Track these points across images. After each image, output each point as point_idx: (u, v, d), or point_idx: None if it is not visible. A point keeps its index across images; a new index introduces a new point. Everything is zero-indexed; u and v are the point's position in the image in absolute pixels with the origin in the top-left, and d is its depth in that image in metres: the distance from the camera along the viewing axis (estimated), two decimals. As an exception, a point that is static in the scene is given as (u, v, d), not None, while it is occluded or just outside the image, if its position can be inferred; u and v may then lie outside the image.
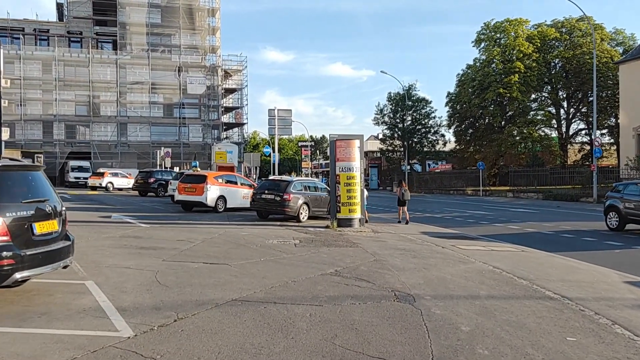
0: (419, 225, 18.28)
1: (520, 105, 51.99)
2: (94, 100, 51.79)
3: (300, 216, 17.27)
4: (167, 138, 53.95)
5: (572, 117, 57.23)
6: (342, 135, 16.44)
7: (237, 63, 57.77)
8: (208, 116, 55.88)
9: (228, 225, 15.64)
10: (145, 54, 52.59)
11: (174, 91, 54.02)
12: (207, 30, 55.33)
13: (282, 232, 14.00)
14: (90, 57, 51.07)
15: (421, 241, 13.39)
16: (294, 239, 12.59)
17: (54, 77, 50.11)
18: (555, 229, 17.56)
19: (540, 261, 10.90)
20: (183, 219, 17.09)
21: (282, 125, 32.35)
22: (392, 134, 58.22)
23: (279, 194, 17.00)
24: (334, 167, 15.94)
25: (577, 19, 54.48)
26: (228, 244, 11.45)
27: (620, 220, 16.52)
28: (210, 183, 19.71)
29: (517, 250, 12.52)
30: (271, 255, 9.94)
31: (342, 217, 15.84)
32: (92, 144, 51.09)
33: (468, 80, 54.80)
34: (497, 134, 52.62)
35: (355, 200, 15.80)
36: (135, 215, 17.74)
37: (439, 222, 20.22)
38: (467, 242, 13.69)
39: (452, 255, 11.01)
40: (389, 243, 12.58)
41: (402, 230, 16.18)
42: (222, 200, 20.09)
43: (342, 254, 10.41)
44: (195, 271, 8.12)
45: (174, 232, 13.34)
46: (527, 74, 50.97)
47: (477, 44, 55.88)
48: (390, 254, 10.69)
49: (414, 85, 57.80)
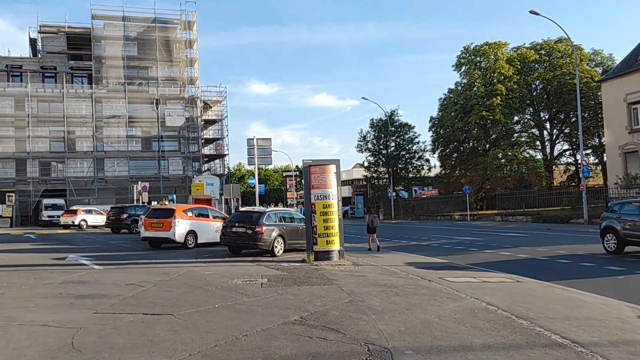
0: (404, 255, 16.96)
1: (504, 127, 51.48)
2: (69, 135, 50.21)
3: (275, 250, 15.87)
4: (146, 172, 52.35)
5: (556, 138, 56.84)
6: (317, 161, 15.19)
7: (216, 94, 56.90)
8: (188, 148, 54.52)
9: (194, 263, 14.19)
10: (121, 87, 51.39)
11: (152, 124, 52.68)
12: (185, 61, 54.39)
13: (251, 270, 12.59)
14: (65, 92, 49.73)
15: (405, 274, 12.06)
16: (262, 277, 11.20)
17: (27, 113, 48.63)
18: (549, 254, 16.34)
19: (539, 293, 9.61)
20: (146, 258, 15.60)
21: (262, 155, 31.15)
22: (376, 160, 57.25)
23: (250, 227, 15.62)
24: (309, 195, 14.66)
25: (556, 41, 54.55)
26: (185, 286, 10.03)
27: (618, 242, 15.35)
28: (178, 217, 18.29)
29: (512, 280, 11.24)
30: (230, 300, 8.55)
31: (319, 249, 14.48)
32: (68, 181, 49.31)
33: (450, 104, 54.30)
34: (482, 157, 51.87)
35: (333, 230, 14.49)
36: (94, 256, 16.22)
37: (426, 251, 18.93)
38: (456, 273, 12.39)
39: (440, 291, 9.69)
40: (369, 278, 11.24)
41: (385, 261, 14.84)
42: (192, 235, 18.64)
43: (313, 295, 9.04)
44: (128, 326, 6.70)
45: (127, 274, 11.88)
46: (508, 96, 50.59)
47: (458, 67, 55.61)
48: (369, 292, 9.34)
49: (397, 111, 57.20)
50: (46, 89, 50.34)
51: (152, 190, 47.86)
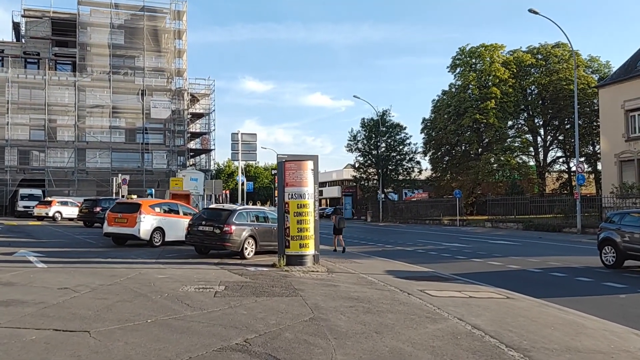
0: (386, 262, 15.69)
1: (497, 132, 50.41)
2: (50, 124, 48.50)
3: (245, 252, 14.54)
4: (129, 165, 50.78)
5: (550, 145, 55.91)
6: (293, 156, 13.87)
7: (204, 87, 55.33)
8: (173, 142, 52.97)
9: (152, 264, 12.83)
10: (106, 76, 49.74)
11: (137, 115, 51.11)
12: (173, 52, 52.81)
13: (212, 274, 11.26)
14: (47, 78, 48.05)
15: (383, 285, 10.78)
16: (220, 284, 9.87)
17: (7, 99, 46.89)
18: (542, 266, 15.12)
19: (533, 314, 8.36)
20: (102, 257, 14.21)
21: (246, 150, 29.89)
22: (366, 161, 55.99)
23: (218, 226, 14.26)
24: (282, 194, 13.34)
25: (553, 45, 53.64)
26: (126, 293, 8.69)
27: (617, 255, 14.16)
28: (144, 213, 16.90)
29: (502, 296, 10.00)
30: (169, 313, 7.22)
31: (291, 253, 13.17)
32: (47, 171, 47.62)
33: (443, 106, 53.19)
34: (474, 161, 50.80)
35: (307, 233, 13.18)
36: (47, 252, 14.82)
37: (410, 257, 17.67)
38: (439, 286, 11.13)
39: (419, 308, 8.42)
40: (340, 289, 9.94)
41: (363, 268, 13.55)
42: (159, 232, 17.25)
43: (270, 309, 7.73)
44: (23, 349, 5.37)
45: (69, 275, 10.52)
46: (503, 99, 49.55)
47: (453, 69, 54.50)
48: (336, 308, 8.04)
49: (389, 111, 55.89)
50: (28, 75, 48.66)
51: (135, 184, 46.40)
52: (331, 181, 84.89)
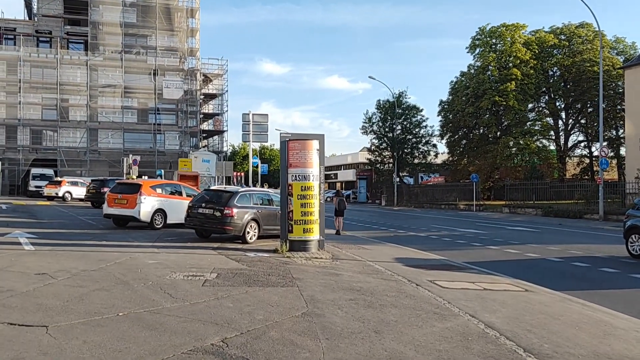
0: (396, 248, 14.87)
1: (517, 114, 48.80)
2: (63, 104, 48.22)
3: (247, 236, 13.79)
4: (141, 145, 50.40)
5: (571, 129, 54.12)
6: (297, 135, 13.03)
7: (217, 67, 54.48)
8: (186, 123, 52.41)
9: (147, 248, 12.16)
10: (118, 55, 49.21)
11: (149, 95, 50.57)
12: (185, 31, 52.02)
13: (207, 260, 10.54)
14: (59, 57, 47.64)
15: (390, 274, 9.97)
16: (212, 271, 9.14)
17: (19, 78, 46.63)
18: (563, 255, 14.17)
19: (555, 311, 7.49)
20: (98, 239, 13.60)
21: (257, 132, 29.22)
22: (381, 143, 54.86)
23: (219, 208, 13.51)
24: (285, 175, 12.54)
25: (577, 26, 51.67)
26: (107, 280, 8.00)
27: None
28: (145, 194, 16.22)
29: (519, 289, 9.12)
30: (146, 305, 6.49)
31: (294, 238, 12.40)
32: (59, 151, 47.47)
33: (462, 88, 51.68)
34: (492, 145, 49.39)
35: (312, 217, 12.38)
36: (42, 233, 14.26)
37: (423, 243, 16.82)
38: (451, 275, 10.29)
39: (427, 301, 7.60)
40: (343, 278, 9.15)
41: (371, 255, 12.75)
42: (160, 214, 16.59)
43: (260, 302, 6.97)
44: (-40, 348, 4.68)
45: (54, 259, 9.88)
46: (524, 81, 47.90)
47: (472, 49, 52.82)
48: (334, 301, 7.25)
49: (405, 93, 54.49)
50: (40, 53, 48.30)
51: (147, 165, 46.05)
52: (346, 164, 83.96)
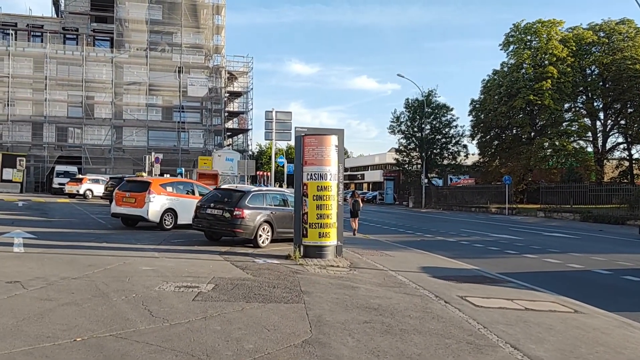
0: (423, 255, 13.55)
1: (553, 114, 46.60)
2: (88, 101, 48.10)
3: (259, 240, 12.66)
4: (166, 143, 49.98)
5: (610, 130, 51.52)
6: (314, 129, 11.85)
7: (242, 64, 53.69)
8: (211, 121, 51.78)
9: (147, 251, 11.13)
10: (143, 52, 48.84)
11: (174, 93, 50.08)
12: (211, 28, 51.35)
13: (208, 267, 9.42)
14: (85, 54, 47.51)
15: (414, 287, 8.69)
16: (211, 281, 8.01)
17: (46, 75, 46.63)
18: (610, 266, 12.65)
19: (615, 341, 6.12)
20: (99, 240, 12.66)
21: (280, 130, 28.17)
22: (409, 143, 53.27)
23: (228, 209, 12.41)
24: (300, 174, 11.37)
25: (618, 22, 49.14)
26: (83, 292, 6.93)
27: None
28: (154, 192, 15.25)
29: (567, 309, 7.75)
30: (115, 327, 5.38)
31: (309, 243, 11.22)
32: (84, 148, 47.32)
33: (494, 87, 49.69)
34: (526, 146, 47.34)
35: (329, 220, 11.17)
36: (42, 233, 13.40)
37: (452, 250, 15.47)
38: (486, 290, 8.95)
39: (458, 325, 6.31)
40: (359, 293, 7.91)
41: (395, 263, 11.47)
42: (171, 214, 15.59)
43: (255, 324, 5.79)
44: None
45: (37, 264, 8.90)
46: (560, 79, 45.70)
47: (505, 47, 50.80)
48: (345, 324, 6.03)
49: (434, 91, 52.78)
50: (66, 50, 48.22)
51: (171, 163, 45.61)
52: (373, 165, 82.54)
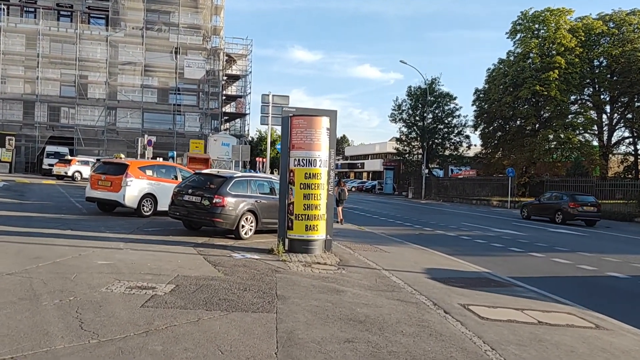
0: (421, 251, 12.42)
1: (559, 106, 45.24)
2: (81, 80, 46.75)
3: (241, 231, 11.52)
4: (161, 126, 48.72)
5: (616, 124, 50.21)
6: (302, 110, 10.64)
7: (242, 47, 52.19)
8: (208, 104, 50.46)
9: (113, 241, 9.98)
10: (139, 32, 47.38)
11: (170, 75, 48.69)
12: (210, 8, 49.85)
13: (175, 262, 8.27)
14: (79, 32, 46.09)
15: (410, 292, 7.56)
16: (172, 281, 6.86)
17: (38, 52, 45.23)
18: (625, 269, 11.52)
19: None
20: (64, 227, 11.52)
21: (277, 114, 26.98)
22: (410, 132, 51.97)
23: (207, 196, 11.25)
24: (287, 159, 10.19)
25: (628, 12, 47.60)
26: (11, 292, 5.78)
27: None
28: (132, 175, 14.06)
29: (587, 323, 6.61)
30: (23, 345, 4.25)
31: (294, 236, 10.07)
32: (77, 129, 46.05)
33: (499, 76, 48.29)
34: (530, 137, 46.06)
35: (317, 211, 10.00)
36: (6, 217, 12.28)
37: (452, 245, 14.35)
38: (491, 298, 7.80)
39: (459, 345, 5.17)
40: (344, 299, 6.76)
41: (389, 261, 10.34)
42: (150, 200, 14.43)
43: (209, 341, 4.65)
44: None
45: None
46: (568, 70, 44.29)
47: (512, 35, 49.28)
48: (321, 344, 4.88)
49: (438, 80, 51.32)
50: (60, 27, 46.78)
51: (166, 147, 44.37)
52: (374, 154, 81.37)
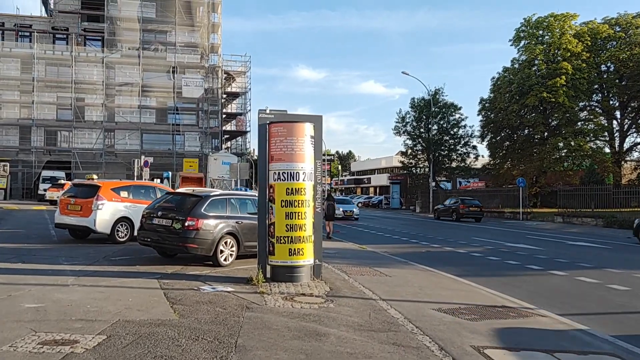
0: (427, 273, 10.95)
1: (568, 112, 43.69)
2: (78, 103, 45.71)
3: (220, 257, 10.09)
4: (160, 147, 47.64)
5: (627, 130, 48.53)
6: (282, 115, 9.25)
7: (240, 64, 51.26)
8: (208, 123, 49.35)
9: (62, 276, 8.56)
10: (136, 52, 46.51)
11: (168, 94, 47.64)
12: (207, 26, 48.98)
13: (125, 301, 6.85)
14: (75, 54, 45.28)
15: (409, 331, 6.08)
16: (105, 330, 5.43)
17: (33, 76, 44.41)
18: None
19: None
20: (18, 258, 10.15)
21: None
22: (415, 144, 50.50)
23: (179, 219, 9.86)
24: (265, 172, 8.79)
25: (634, 15, 46.25)
26: None
27: None
28: (103, 198, 12.71)
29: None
30: None
31: (276, 262, 8.63)
32: (74, 153, 44.96)
33: (505, 84, 46.91)
34: (539, 146, 44.52)
35: (302, 232, 8.57)
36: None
37: (462, 264, 12.89)
38: (513, 336, 6.30)
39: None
40: (324, 348, 5.29)
41: (388, 288, 8.86)
42: (125, 224, 13.05)
43: None
44: None
45: None
46: (575, 75, 42.86)
47: (516, 42, 48.03)
48: None
49: (442, 90, 49.98)
50: (55, 50, 46.04)
51: (166, 167, 43.11)
52: (380, 168, 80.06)
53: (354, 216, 31.58)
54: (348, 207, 32.09)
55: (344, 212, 30.71)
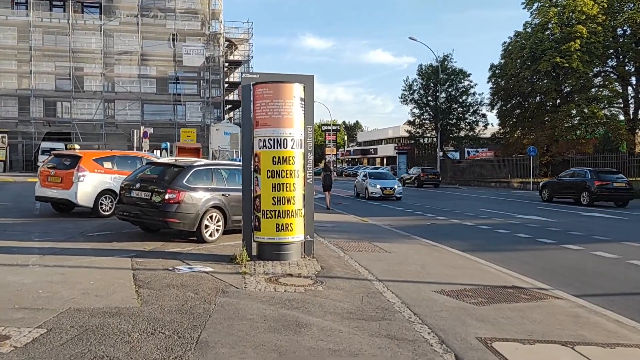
0: (430, 248, 10.12)
1: (581, 78, 42.08)
2: (77, 72, 44.70)
3: (205, 232, 9.29)
4: (161, 117, 46.66)
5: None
6: (268, 76, 8.29)
7: (242, 31, 49.73)
8: (210, 93, 48.24)
9: (27, 254, 7.82)
10: (134, 19, 45.18)
11: (168, 63, 46.44)
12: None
13: (86, 284, 6.08)
14: (73, 22, 44.04)
15: (406, 319, 5.26)
16: (47, 322, 4.65)
17: (31, 45, 43.32)
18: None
19: None
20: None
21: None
22: (423, 113, 49.18)
23: (159, 191, 9.04)
24: (250, 140, 7.90)
25: (653, -25, 44.16)
26: None
27: None
28: (85, 169, 11.89)
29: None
30: None
31: (263, 239, 7.82)
32: (74, 124, 44.14)
33: (516, 50, 45.14)
34: (551, 114, 43.09)
35: (291, 206, 7.72)
36: None
37: (469, 238, 12.06)
38: (525, 322, 5.46)
39: None
40: (302, 342, 4.48)
41: (387, 266, 8.04)
42: (110, 196, 12.25)
43: None
44: None
45: None
46: (590, 39, 41.04)
47: (529, 5, 46.02)
48: None
49: (450, 56, 48.33)
50: (52, 18, 44.76)
51: (167, 138, 42.13)
52: (387, 139, 78.73)
53: (396, 195, 24.09)
54: (387, 184, 24.54)
55: (382, 189, 23.91)
